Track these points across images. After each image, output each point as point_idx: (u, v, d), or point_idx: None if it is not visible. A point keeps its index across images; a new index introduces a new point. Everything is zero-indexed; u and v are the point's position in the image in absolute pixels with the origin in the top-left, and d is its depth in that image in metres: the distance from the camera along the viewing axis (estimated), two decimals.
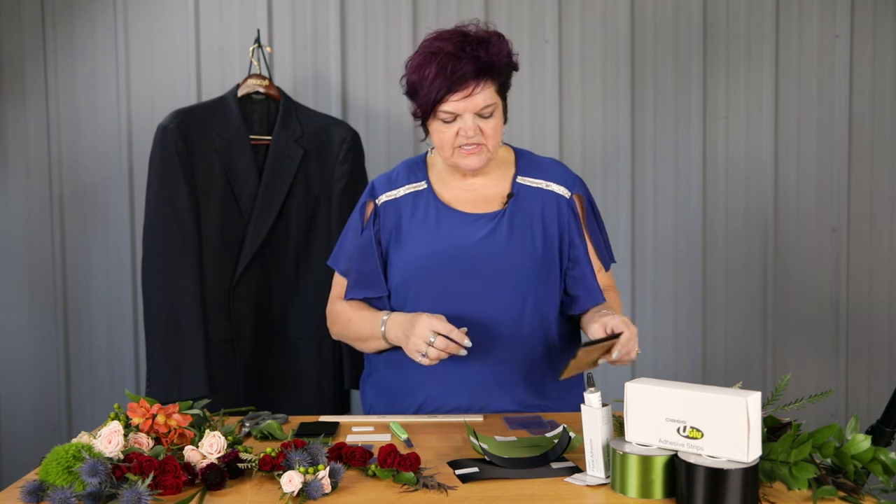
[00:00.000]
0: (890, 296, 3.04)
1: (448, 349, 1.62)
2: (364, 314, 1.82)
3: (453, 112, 1.70)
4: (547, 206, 1.82)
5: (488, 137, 1.73)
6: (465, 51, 1.67)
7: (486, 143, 1.74)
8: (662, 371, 2.98)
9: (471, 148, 1.73)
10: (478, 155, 1.74)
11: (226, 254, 2.46)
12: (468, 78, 1.66)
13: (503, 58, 1.71)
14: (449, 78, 1.66)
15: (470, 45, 1.67)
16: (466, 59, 1.66)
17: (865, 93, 2.99)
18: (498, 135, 1.76)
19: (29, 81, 2.87)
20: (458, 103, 1.69)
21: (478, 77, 1.67)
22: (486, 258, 1.76)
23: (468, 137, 1.71)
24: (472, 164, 1.75)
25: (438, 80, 1.67)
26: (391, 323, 1.74)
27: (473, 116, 1.70)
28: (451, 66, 1.66)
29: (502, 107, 1.76)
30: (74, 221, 2.89)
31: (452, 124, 1.72)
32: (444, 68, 1.66)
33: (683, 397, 1.24)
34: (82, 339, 2.91)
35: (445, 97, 1.68)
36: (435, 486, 1.30)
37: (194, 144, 2.42)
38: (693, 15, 2.94)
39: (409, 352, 1.67)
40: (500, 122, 1.76)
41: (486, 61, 1.67)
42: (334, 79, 2.88)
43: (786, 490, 1.27)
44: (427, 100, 1.69)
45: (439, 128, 1.73)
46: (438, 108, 1.70)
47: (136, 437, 1.39)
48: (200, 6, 2.86)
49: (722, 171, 2.98)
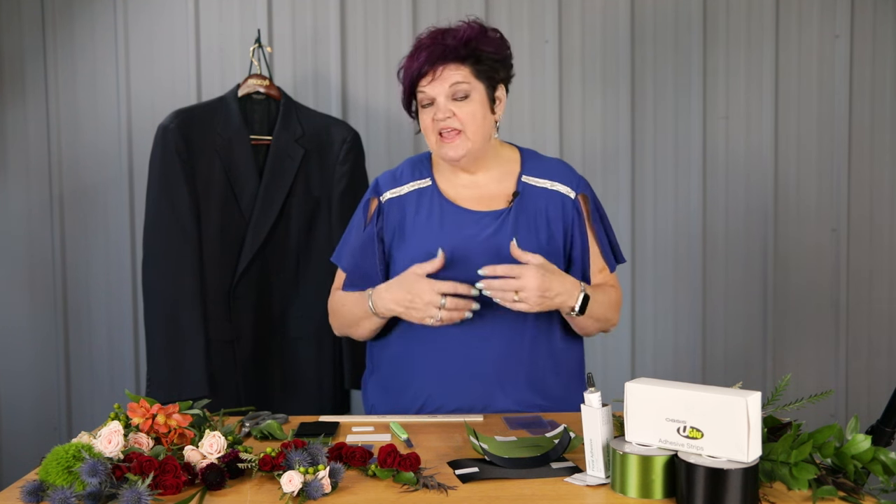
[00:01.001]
0: (890, 296, 3.04)
1: (459, 306, 1.66)
2: (354, 295, 1.83)
3: (428, 95, 1.75)
4: (552, 206, 1.82)
5: (465, 123, 1.75)
6: (437, 39, 1.76)
7: (464, 130, 1.75)
8: (662, 371, 2.98)
9: (449, 134, 1.75)
10: (454, 143, 1.76)
11: (226, 254, 2.46)
12: (436, 60, 1.74)
13: (471, 42, 1.74)
14: (420, 64, 1.74)
15: (442, 34, 1.76)
16: (436, 46, 1.75)
17: (865, 93, 2.99)
18: (477, 121, 1.76)
19: (29, 81, 2.87)
20: (427, 87, 1.75)
21: (445, 59, 1.73)
22: (492, 256, 1.76)
23: (442, 120, 1.74)
24: (450, 153, 1.77)
25: (413, 66, 1.76)
26: (377, 295, 1.75)
27: (447, 100, 1.74)
28: (425, 53, 1.75)
29: (486, 95, 1.77)
30: (74, 221, 2.89)
31: (430, 108, 1.77)
32: (418, 56, 1.75)
33: (683, 397, 1.24)
34: (82, 339, 2.91)
35: (418, 82, 1.75)
36: (435, 486, 1.30)
37: (195, 144, 2.42)
38: (693, 15, 2.94)
39: (415, 318, 1.69)
40: (479, 108, 1.76)
41: (452, 45, 1.74)
42: (334, 79, 2.88)
43: (786, 490, 1.27)
44: (404, 88, 1.79)
45: (421, 114, 1.80)
46: (417, 95, 1.77)
47: (136, 437, 1.39)
48: (200, 6, 2.86)
49: (722, 170, 2.98)
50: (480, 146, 1.79)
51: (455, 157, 1.77)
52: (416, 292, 1.67)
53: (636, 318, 2.98)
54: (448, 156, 1.77)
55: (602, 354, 2.99)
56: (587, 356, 2.41)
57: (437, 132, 1.77)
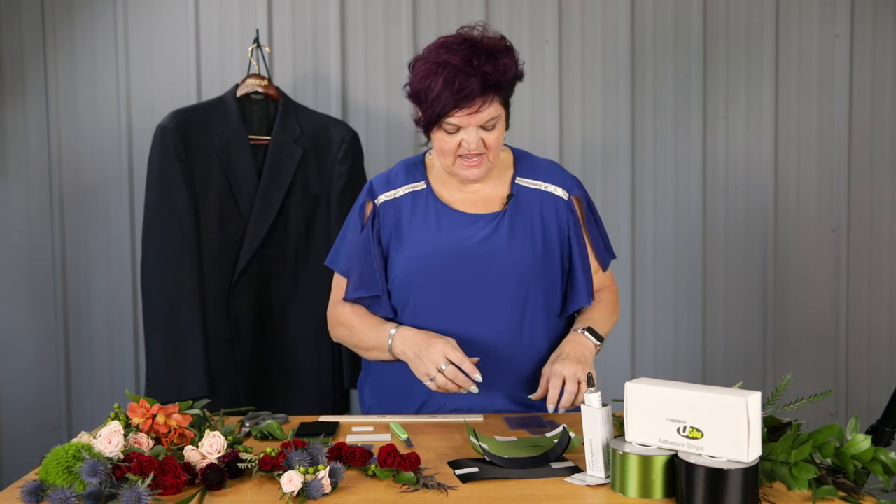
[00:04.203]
0: (890, 296, 3.04)
1: (457, 379, 1.62)
2: (367, 322, 1.81)
3: (458, 125, 1.69)
4: (546, 208, 1.82)
5: (490, 148, 1.73)
6: (473, 65, 1.64)
7: (487, 154, 1.73)
8: (662, 371, 2.98)
9: (472, 160, 1.72)
10: (479, 167, 1.74)
11: (225, 254, 2.46)
12: (475, 95, 1.64)
13: (511, 71, 1.69)
14: (456, 94, 1.63)
15: (478, 58, 1.64)
16: (474, 76, 1.63)
17: (865, 93, 2.99)
18: (500, 144, 1.76)
19: (29, 81, 2.87)
20: (463, 118, 1.67)
21: (485, 93, 1.65)
22: (487, 258, 1.77)
23: (471, 150, 1.70)
24: (472, 175, 1.75)
25: (445, 94, 1.64)
26: (399, 338, 1.73)
27: (477, 129, 1.69)
28: (459, 81, 1.63)
29: (505, 116, 1.76)
30: (74, 221, 2.89)
31: (455, 135, 1.70)
32: (451, 83, 1.63)
33: (683, 397, 1.24)
34: (82, 339, 2.91)
35: (451, 112, 1.66)
36: (435, 486, 1.30)
37: (193, 144, 2.42)
38: (693, 15, 2.93)
39: (417, 373, 1.67)
40: (502, 131, 1.75)
41: (494, 77, 1.65)
42: (334, 79, 2.88)
43: (786, 490, 1.27)
44: (432, 112, 1.67)
45: (442, 137, 1.72)
46: (443, 120, 1.68)
47: (136, 437, 1.39)
48: (200, 6, 2.86)
49: (722, 170, 2.98)
50: (495, 163, 1.79)
51: (476, 178, 1.77)
52: (430, 346, 1.65)
53: (636, 318, 2.98)
54: (468, 177, 1.76)
55: (602, 354, 2.98)
56: None
57: (458, 155, 1.73)
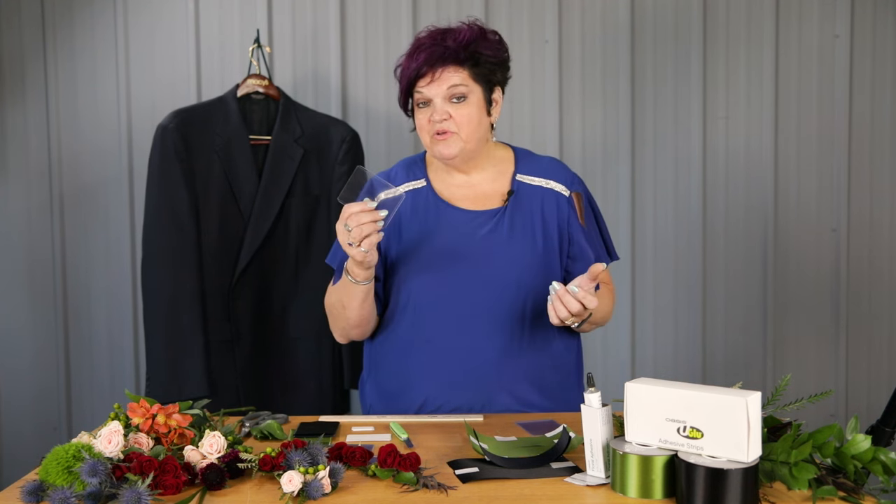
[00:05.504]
0: (890, 296, 3.04)
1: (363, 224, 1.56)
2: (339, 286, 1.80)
3: (425, 96, 1.75)
4: (546, 204, 1.83)
5: (460, 125, 1.74)
6: (436, 40, 1.75)
7: (458, 132, 1.74)
8: (662, 371, 2.98)
9: (442, 135, 1.75)
10: (447, 142, 1.75)
11: (225, 254, 2.46)
12: (435, 62, 1.73)
13: (470, 44, 1.74)
14: (419, 64, 1.73)
15: (441, 35, 1.76)
16: (436, 47, 1.74)
17: (865, 93, 2.99)
18: (472, 123, 1.76)
19: (29, 81, 2.87)
20: (425, 88, 1.74)
21: (445, 62, 1.73)
22: (488, 255, 1.77)
23: (439, 122, 1.74)
24: (443, 151, 1.76)
25: (411, 66, 1.75)
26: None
27: (444, 101, 1.74)
28: (423, 53, 1.74)
29: (483, 97, 1.77)
30: (74, 221, 2.89)
31: (426, 109, 1.76)
32: (416, 56, 1.75)
33: (683, 397, 1.24)
34: (82, 339, 2.91)
35: (416, 82, 1.75)
36: (435, 486, 1.30)
37: (194, 144, 2.42)
38: (693, 15, 2.94)
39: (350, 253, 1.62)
40: (476, 111, 1.76)
41: (452, 47, 1.73)
42: (334, 79, 2.88)
43: (786, 490, 1.27)
44: (401, 87, 1.78)
45: (417, 114, 1.79)
46: (413, 95, 1.77)
47: (136, 437, 1.39)
48: (200, 6, 2.86)
49: (722, 170, 2.98)
50: (475, 147, 1.79)
51: (448, 156, 1.77)
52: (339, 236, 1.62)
53: (636, 317, 2.98)
54: (441, 154, 1.77)
55: (602, 354, 2.99)
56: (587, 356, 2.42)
57: (433, 133, 1.76)
